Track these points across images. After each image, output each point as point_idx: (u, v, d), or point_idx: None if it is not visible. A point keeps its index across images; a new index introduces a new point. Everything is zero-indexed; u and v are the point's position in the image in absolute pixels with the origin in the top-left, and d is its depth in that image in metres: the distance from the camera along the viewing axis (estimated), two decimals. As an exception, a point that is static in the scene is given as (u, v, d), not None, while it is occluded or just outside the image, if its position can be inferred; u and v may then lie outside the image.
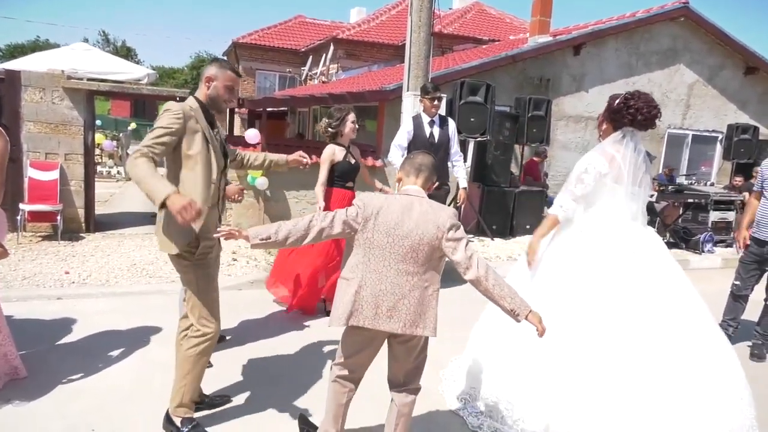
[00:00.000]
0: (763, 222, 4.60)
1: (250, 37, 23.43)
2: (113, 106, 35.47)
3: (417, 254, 2.45)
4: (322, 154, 4.80)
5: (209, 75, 2.91)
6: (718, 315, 5.21)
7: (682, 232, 9.31)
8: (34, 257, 6.19)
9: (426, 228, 2.44)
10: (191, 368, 2.94)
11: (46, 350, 3.98)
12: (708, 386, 3.04)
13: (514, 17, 23.88)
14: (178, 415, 2.98)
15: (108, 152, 15.34)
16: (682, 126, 11.59)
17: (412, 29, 7.15)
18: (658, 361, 3.01)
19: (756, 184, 4.84)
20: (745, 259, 4.81)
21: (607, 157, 3.28)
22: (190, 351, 2.93)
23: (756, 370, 4.49)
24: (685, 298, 3.25)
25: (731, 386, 3.15)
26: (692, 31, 11.15)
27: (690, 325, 3.16)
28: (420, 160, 2.65)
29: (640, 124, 3.25)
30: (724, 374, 3.15)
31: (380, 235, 2.46)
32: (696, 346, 3.11)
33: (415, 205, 2.50)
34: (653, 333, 3.06)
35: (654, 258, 3.27)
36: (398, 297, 2.44)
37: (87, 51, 10.78)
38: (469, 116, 7.66)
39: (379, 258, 2.46)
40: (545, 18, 10.74)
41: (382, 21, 22.53)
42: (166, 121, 2.74)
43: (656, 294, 3.15)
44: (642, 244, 3.28)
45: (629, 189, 3.27)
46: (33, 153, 7.16)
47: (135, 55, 49.79)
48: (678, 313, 3.16)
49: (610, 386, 2.95)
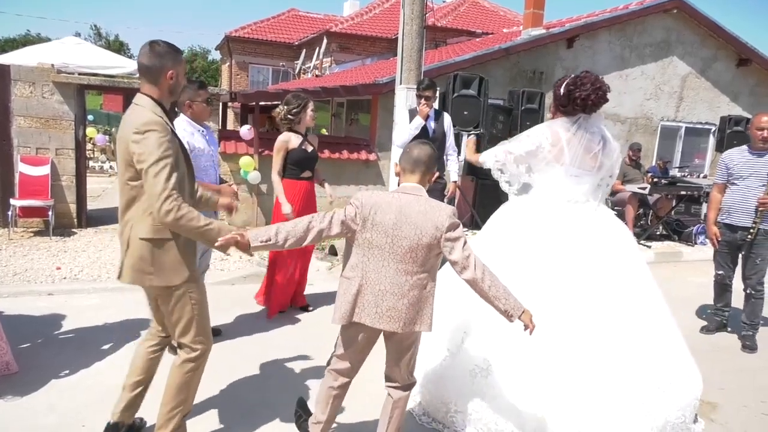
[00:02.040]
0: (734, 209, 4.75)
1: (243, 31, 23.30)
2: (105, 100, 35.22)
3: (416, 254, 2.44)
4: (276, 142, 4.64)
5: (171, 68, 2.59)
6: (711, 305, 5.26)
7: (675, 224, 9.36)
8: (25, 253, 6.15)
9: (424, 228, 2.42)
10: (187, 394, 2.72)
11: (38, 346, 3.96)
12: (631, 374, 2.95)
13: (507, 10, 23.85)
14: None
15: (100, 147, 15.23)
16: (675, 118, 11.61)
17: (404, 22, 7.12)
18: (580, 349, 2.93)
19: (719, 177, 4.95)
20: (721, 250, 4.94)
21: (553, 133, 3.27)
22: (188, 375, 2.69)
23: (748, 361, 4.53)
24: (629, 283, 3.15)
25: (660, 374, 3.05)
26: (685, 23, 11.15)
27: (626, 310, 3.06)
28: (416, 154, 2.57)
29: (591, 110, 3.25)
30: (655, 361, 3.05)
31: (379, 235, 2.45)
32: (626, 333, 3.01)
33: (412, 204, 2.47)
34: (575, 317, 2.98)
35: (595, 241, 3.18)
36: (398, 296, 2.44)
37: (78, 45, 10.73)
38: (463, 109, 7.63)
39: (379, 258, 2.46)
40: (539, 11, 10.72)
41: (376, 14, 22.45)
42: (161, 147, 2.42)
43: (587, 277, 3.07)
44: (581, 227, 3.21)
45: (571, 171, 3.24)
46: (23, 148, 7.10)
47: (128, 49, 49.53)
48: (613, 297, 3.06)
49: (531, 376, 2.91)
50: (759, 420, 3.53)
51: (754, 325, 4.78)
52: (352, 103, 13.50)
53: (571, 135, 3.26)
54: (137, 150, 2.41)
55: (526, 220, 3.31)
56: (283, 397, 3.40)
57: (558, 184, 3.28)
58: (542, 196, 3.35)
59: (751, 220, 4.63)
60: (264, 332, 4.47)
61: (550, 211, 3.27)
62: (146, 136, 2.42)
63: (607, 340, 2.96)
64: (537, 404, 2.85)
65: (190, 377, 2.71)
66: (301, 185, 4.73)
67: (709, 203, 5.12)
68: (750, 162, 4.68)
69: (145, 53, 2.58)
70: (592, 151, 3.25)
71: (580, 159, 3.24)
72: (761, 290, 4.73)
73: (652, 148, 11.44)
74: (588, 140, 3.25)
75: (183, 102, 3.77)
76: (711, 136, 11.94)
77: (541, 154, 3.27)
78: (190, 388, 2.74)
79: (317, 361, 3.93)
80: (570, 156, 3.23)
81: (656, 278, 3.32)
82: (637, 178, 9.01)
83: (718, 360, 4.45)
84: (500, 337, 2.99)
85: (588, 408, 2.84)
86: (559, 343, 2.93)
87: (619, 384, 2.91)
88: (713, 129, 11.64)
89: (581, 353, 2.92)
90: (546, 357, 2.91)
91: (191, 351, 2.70)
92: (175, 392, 2.69)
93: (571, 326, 2.96)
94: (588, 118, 3.28)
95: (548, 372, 2.89)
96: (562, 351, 2.92)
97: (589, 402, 2.85)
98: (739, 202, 4.71)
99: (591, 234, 3.20)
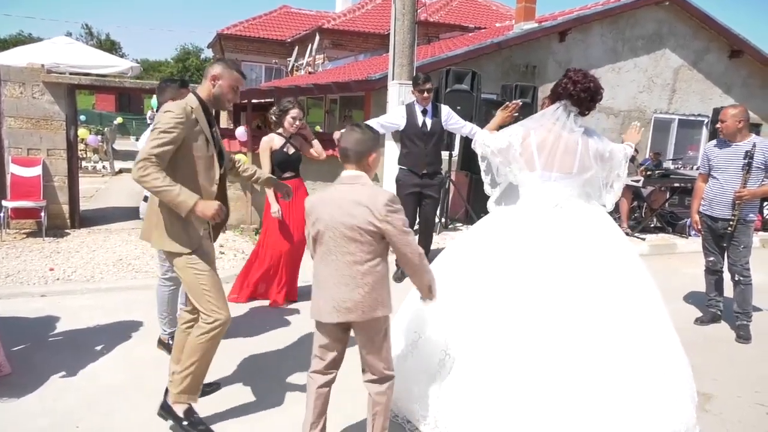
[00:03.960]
0: (715, 201, 4.83)
1: (235, 29, 23.20)
2: (98, 100, 35.12)
3: (359, 242, 2.44)
4: (261, 142, 4.96)
5: (215, 74, 2.90)
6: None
7: (669, 216, 9.38)
8: (18, 254, 6.12)
9: (360, 216, 2.41)
10: (201, 355, 2.88)
11: (31, 347, 3.94)
12: (633, 385, 2.76)
13: (500, 4, 23.83)
14: (180, 402, 2.92)
15: (92, 147, 15.16)
16: (668, 110, 11.64)
17: (396, 17, 7.11)
18: (570, 361, 2.75)
19: (701, 167, 5.08)
20: (706, 239, 5.07)
21: (525, 132, 3.20)
22: (202, 338, 2.87)
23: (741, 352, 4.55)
24: (615, 289, 2.95)
25: (663, 384, 2.87)
26: (677, 15, 11.17)
27: (617, 317, 2.87)
28: (344, 144, 2.55)
29: (574, 98, 3.13)
30: (656, 370, 2.86)
31: (322, 230, 2.50)
32: (622, 345, 2.82)
33: (347, 193, 2.48)
34: (556, 327, 2.80)
35: (577, 245, 3.02)
36: (352, 287, 2.45)
37: (69, 45, 10.64)
38: (456, 104, 7.61)
39: (327, 253, 2.50)
40: (531, 5, 10.71)
41: (368, 10, 22.38)
42: (166, 124, 2.71)
43: (565, 284, 2.90)
44: (561, 232, 3.05)
45: (545, 175, 3.14)
46: (14, 149, 7.06)
47: (119, 48, 49.27)
48: (597, 304, 2.87)
49: (517, 385, 2.74)
50: (753, 410, 3.54)
51: (747, 313, 4.80)
52: (345, 99, 13.48)
53: (545, 132, 3.16)
54: (156, 120, 2.80)
55: (504, 229, 3.19)
56: (275, 395, 3.40)
57: (537, 189, 3.20)
58: (522, 202, 3.26)
59: (730, 212, 4.70)
60: (258, 329, 4.46)
61: (529, 218, 3.15)
62: (166, 113, 2.76)
63: (589, 348, 2.78)
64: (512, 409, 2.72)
65: (203, 345, 2.87)
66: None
67: (693, 192, 5.24)
68: (726, 154, 4.76)
69: None
70: (570, 152, 3.14)
71: (556, 161, 3.13)
72: (748, 276, 4.78)
73: (646, 140, 11.47)
74: (566, 139, 3.14)
75: (166, 101, 3.74)
76: (704, 127, 11.97)
77: (512, 154, 3.20)
78: (203, 355, 2.89)
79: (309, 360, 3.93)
80: (542, 161, 3.13)
81: (650, 270, 3.25)
82: (630, 171, 9.01)
83: (712, 351, 4.47)
84: (461, 331, 2.92)
85: (571, 417, 2.68)
86: (531, 351, 2.77)
87: (609, 397, 2.71)
88: (706, 121, 11.66)
89: (558, 362, 2.75)
90: (518, 363, 2.76)
91: (206, 317, 2.88)
92: (188, 354, 2.89)
93: (545, 335, 2.79)
94: (570, 113, 3.18)
95: (525, 378, 2.74)
96: (537, 358, 2.76)
97: (572, 412, 2.68)
98: (718, 194, 4.80)
99: (571, 238, 3.04)
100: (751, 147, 4.59)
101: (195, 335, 2.89)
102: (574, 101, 3.15)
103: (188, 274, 2.90)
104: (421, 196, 5.66)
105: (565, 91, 3.16)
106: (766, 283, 5.99)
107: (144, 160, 2.65)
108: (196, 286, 2.90)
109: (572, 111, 3.18)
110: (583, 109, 3.20)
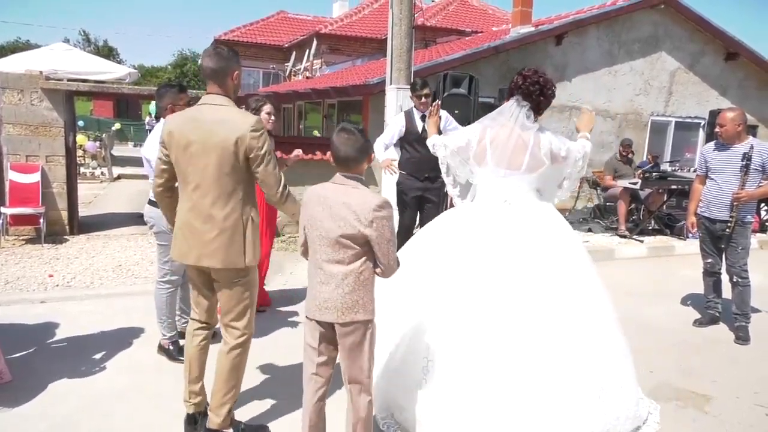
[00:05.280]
0: (713, 202, 4.85)
1: (233, 34, 23.26)
2: (96, 106, 35.08)
3: (343, 244, 2.43)
4: None
5: (236, 69, 2.80)
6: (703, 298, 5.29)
7: (667, 219, 9.40)
8: (17, 261, 6.12)
9: (347, 219, 2.40)
10: (238, 377, 2.89)
11: (31, 354, 3.95)
12: (565, 381, 2.84)
13: (496, 8, 23.91)
14: (226, 425, 2.90)
15: (91, 153, 15.16)
16: (664, 113, 11.67)
17: (393, 22, 7.14)
18: (509, 354, 2.83)
19: (699, 169, 5.14)
20: (704, 241, 5.08)
21: (482, 129, 3.29)
22: (240, 357, 2.87)
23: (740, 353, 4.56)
24: (563, 284, 3.02)
25: (599, 380, 2.93)
26: (672, 18, 11.21)
27: (559, 313, 2.93)
28: (344, 152, 2.47)
29: (524, 91, 3.20)
30: (589, 367, 2.92)
31: (311, 229, 2.51)
32: (564, 342, 2.89)
33: (338, 195, 2.45)
34: (493, 321, 2.89)
35: (525, 241, 3.09)
36: (333, 287, 2.45)
37: (67, 51, 10.66)
38: (453, 108, 7.61)
39: (314, 252, 2.52)
40: (527, 8, 10.74)
41: (365, 15, 22.44)
42: (266, 142, 2.73)
43: (510, 279, 2.98)
44: (509, 228, 3.12)
45: (497, 171, 3.21)
46: (13, 155, 7.07)
47: (117, 54, 49.26)
48: (542, 299, 2.94)
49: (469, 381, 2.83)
50: (752, 411, 3.55)
51: (745, 314, 4.82)
52: (343, 104, 13.50)
53: (499, 128, 3.23)
54: (256, 144, 2.67)
55: (457, 224, 3.30)
56: (276, 399, 3.40)
57: (489, 185, 3.27)
58: (477, 198, 3.34)
59: (728, 213, 4.72)
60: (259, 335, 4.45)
61: (478, 214, 3.24)
62: (262, 132, 2.70)
63: (527, 345, 2.85)
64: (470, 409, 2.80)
65: (237, 361, 2.86)
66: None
67: (690, 194, 5.27)
68: (723, 156, 4.79)
69: (211, 56, 2.76)
70: (521, 149, 3.19)
71: (506, 157, 3.19)
72: (746, 278, 4.80)
73: (643, 143, 11.49)
74: (519, 136, 3.20)
75: (165, 106, 3.76)
76: (701, 130, 12.01)
77: (470, 152, 3.29)
78: (240, 372, 2.89)
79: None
80: (492, 155, 3.20)
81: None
82: (628, 173, 9.05)
83: (711, 352, 4.48)
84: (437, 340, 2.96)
85: (516, 414, 2.76)
86: (478, 350, 2.85)
87: (549, 391, 2.80)
88: (703, 123, 11.70)
89: (501, 361, 2.82)
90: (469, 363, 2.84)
91: (241, 336, 2.86)
92: (226, 378, 2.85)
93: (489, 331, 2.87)
94: (522, 108, 3.23)
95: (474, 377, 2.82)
96: (481, 358, 2.84)
97: (516, 409, 2.76)
98: (715, 196, 4.83)
99: (519, 234, 3.11)
100: (749, 149, 4.62)
101: (232, 356, 2.85)
102: (524, 95, 3.23)
103: (248, 288, 2.87)
104: (422, 200, 5.69)
105: (516, 86, 3.25)
106: (765, 284, 6.01)
107: (286, 186, 2.79)
108: (247, 301, 2.88)
109: (524, 106, 3.24)
110: (534, 104, 3.25)
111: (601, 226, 9.41)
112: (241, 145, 2.65)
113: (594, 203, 10.06)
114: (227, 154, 2.65)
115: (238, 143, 2.64)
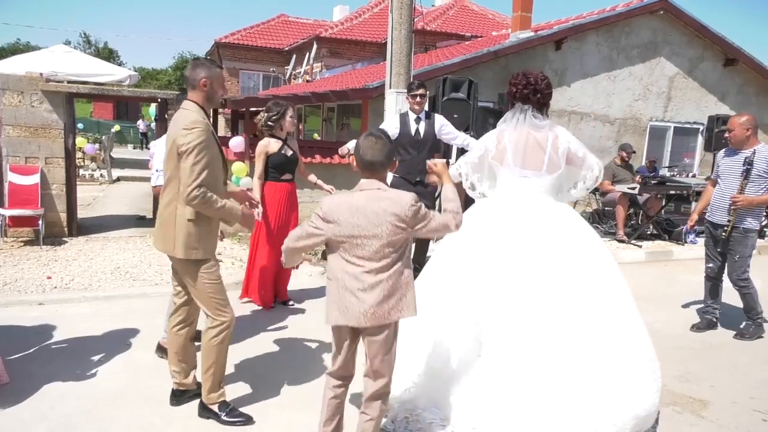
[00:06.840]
0: (715, 207, 4.93)
1: (233, 37, 23.29)
2: (95, 108, 35.12)
3: (384, 249, 2.44)
4: (257, 147, 4.94)
5: (204, 79, 3.01)
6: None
7: (665, 224, 9.41)
8: (15, 263, 6.12)
9: (385, 221, 2.42)
10: (216, 356, 3.10)
11: (29, 355, 3.94)
12: (600, 372, 2.90)
13: (496, 13, 23.96)
14: (212, 401, 3.15)
15: (90, 155, 15.16)
16: (663, 118, 11.69)
17: (393, 26, 7.16)
18: (542, 351, 2.90)
19: (713, 173, 5.21)
20: (707, 245, 5.13)
21: (498, 134, 3.34)
22: (213, 340, 3.08)
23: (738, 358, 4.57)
24: (582, 282, 3.07)
25: (626, 372, 2.99)
26: (672, 24, 11.25)
27: (586, 308, 3.00)
28: (370, 156, 2.49)
29: (519, 97, 3.29)
30: (621, 359, 2.99)
31: (343, 235, 2.47)
32: (590, 334, 2.96)
33: (371, 200, 2.46)
34: (529, 319, 2.95)
35: (545, 240, 3.13)
36: (368, 291, 2.45)
37: (67, 53, 10.69)
38: (453, 112, 7.65)
39: (348, 257, 2.49)
40: (527, 13, 10.78)
41: (365, 19, 22.50)
42: (201, 144, 2.89)
43: (528, 279, 3.03)
44: (529, 226, 3.17)
45: (515, 171, 3.26)
46: (13, 157, 7.07)
47: (117, 56, 49.32)
48: (571, 295, 3.00)
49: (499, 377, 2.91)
50: (750, 416, 3.55)
51: (756, 313, 4.93)
52: (343, 107, 13.53)
53: (512, 129, 3.29)
54: (182, 141, 2.88)
55: (477, 223, 3.30)
56: (275, 401, 3.41)
57: (509, 186, 3.30)
58: (498, 196, 3.37)
59: (726, 218, 4.78)
60: (257, 337, 4.46)
61: (498, 212, 3.27)
62: (192, 131, 2.90)
63: (547, 345, 2.91)
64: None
65: (216, 347, 3.09)
66: (283, 187, 5.01)
67: (702, 194, 5.36)
68: (730, 161, 4.84)
69: (188, 67, 3.13)
70: (539, 150, 3.24)
71: (526, 158, 3.24)
72: (745, 285, 4.84)
73: (642, 148, 11.51)
74: (535, 137, 3.25)
75: None
76: (699, 135, 12.04)
77: (489, 156, 3.34)
78: (218, 356, 3.11)
79: (308, 366, 3.95)
80: (512, 155, 3.25)
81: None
82: (627, 178, 9.07)
83: (709, 357, 4.49)
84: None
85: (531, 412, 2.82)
86: (530, 348, 2.90)
87: (568, 388, 2.85)
88: (701, 128, 11.73)
89: (553, 357, 2.88)
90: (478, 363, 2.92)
91: (213, 320, 3.09)
92: (205, 358, 3.11)
93: (539, 329, 2.92)
94: (526, 111, 3.28)
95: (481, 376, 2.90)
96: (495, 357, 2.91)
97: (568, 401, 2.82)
98: (718, 200, 4.90)
99: (540, 233, 3.14)
100: (751, 153, 4.63)
101: (207, 340, 3.09)
102: (522, 100, 3.29)
103: (202, 280, 3.07)
104: None
105: (511, 96, 3.33)
106: (764, 290, 6.01)
107: (198, 187, 2.87)
108: (206, 292, 3.08)
109: (526, 109, 3.29)
110: (535, 103, 3.29)
111: (600, 230, 9.42)
112: (175, 142, 2.95)
113: (592, 208, 10.07)
114: (173, 147, 2.96)
115: (175, 140, 2.94)
